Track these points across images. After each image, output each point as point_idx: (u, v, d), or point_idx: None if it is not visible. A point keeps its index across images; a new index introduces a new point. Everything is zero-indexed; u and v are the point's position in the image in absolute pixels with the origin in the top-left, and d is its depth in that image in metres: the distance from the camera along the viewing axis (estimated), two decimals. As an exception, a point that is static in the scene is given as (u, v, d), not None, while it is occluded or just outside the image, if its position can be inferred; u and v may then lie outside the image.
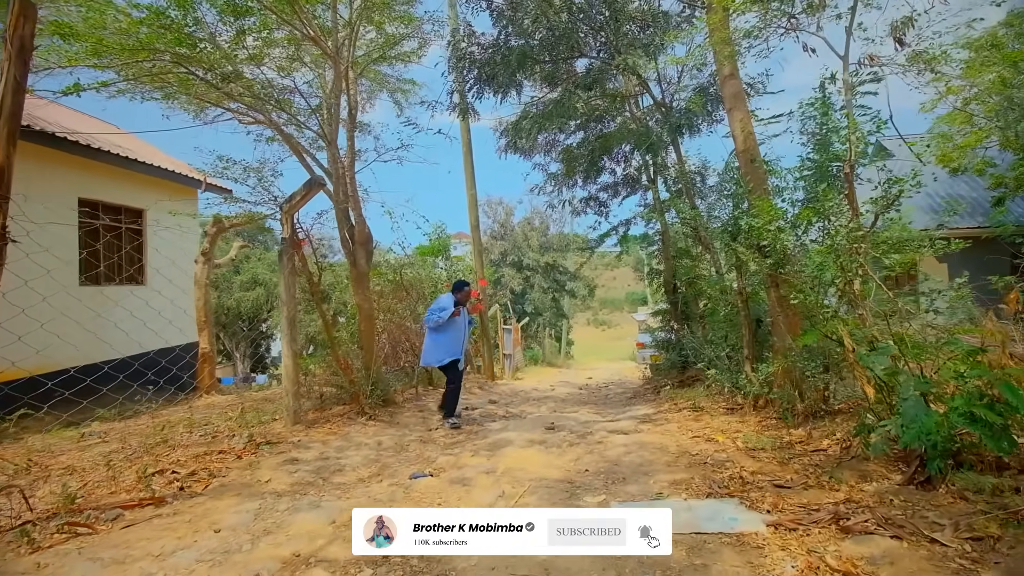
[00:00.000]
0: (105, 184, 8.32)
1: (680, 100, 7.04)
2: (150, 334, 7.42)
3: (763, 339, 5.14)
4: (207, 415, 5.76)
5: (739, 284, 4.80)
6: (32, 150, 6.75)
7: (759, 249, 3.83)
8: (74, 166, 7.75)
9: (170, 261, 8.15)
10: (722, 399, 5.40)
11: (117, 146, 8.26)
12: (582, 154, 9.09)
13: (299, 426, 4.86)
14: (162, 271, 8.35)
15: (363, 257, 6.30)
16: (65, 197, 7.64)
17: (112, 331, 7.04)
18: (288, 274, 4.84)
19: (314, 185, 4.70)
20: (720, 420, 4.60)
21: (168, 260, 8.20)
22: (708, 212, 5.30)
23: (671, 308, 8.56)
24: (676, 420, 5.07)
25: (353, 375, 5.55)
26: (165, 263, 8.21)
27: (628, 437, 4.46)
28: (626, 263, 55.51)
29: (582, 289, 24.66)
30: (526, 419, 6.04)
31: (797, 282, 3.43)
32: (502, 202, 21.78)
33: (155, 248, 9.02)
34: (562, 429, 5.15)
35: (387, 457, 4.23)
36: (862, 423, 2.88)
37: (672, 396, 6.53)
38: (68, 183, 7.70)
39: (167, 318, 7.94)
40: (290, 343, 4.83)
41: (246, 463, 3.80)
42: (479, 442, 4.74)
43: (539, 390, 10.56)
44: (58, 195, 7.39)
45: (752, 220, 3.70)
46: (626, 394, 9.25)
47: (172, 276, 8.15)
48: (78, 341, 6.39)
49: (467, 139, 10.83)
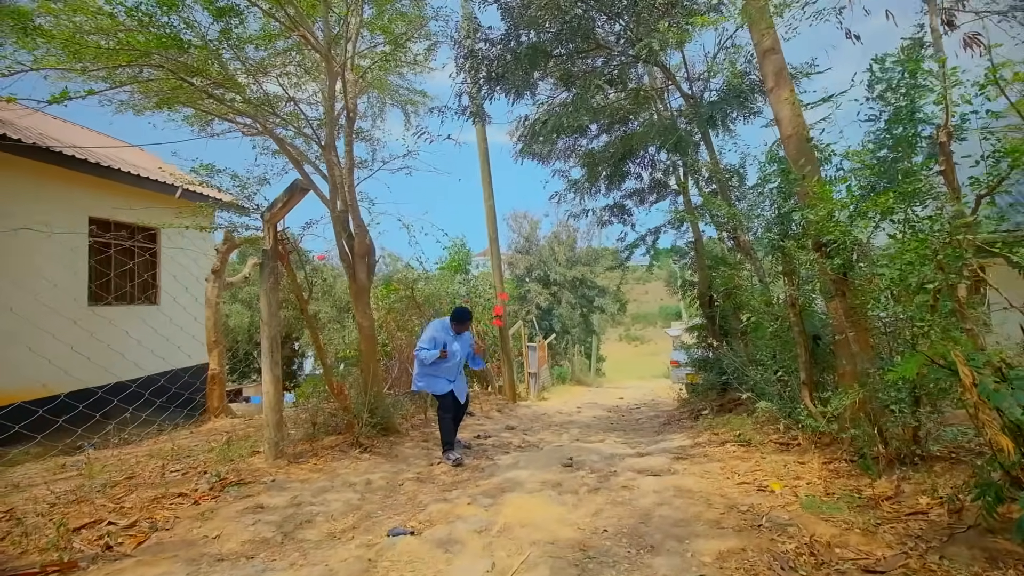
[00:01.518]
0: (117, 203, 8.17)
1: (711, 91, 6.31)
2: (162, 356, 7.11)
3: (822, 359, 4.30)
4: (198, 444, 5.30)
5: (790, 294, 4.01)
6: (40, 168, 6.58)
7: (820, 248, 3.06)
8: (84, 184, 7.60)
9: (190, 281, 7.85)
10: (772, 431, 4.56)
11: (133, 165, 8.11)
12: (604, 158, 8.43)
13: (281, 460, 4.29)
14: (176, 292, 8.08)
15: (363, 270, 5.78)
16: (75, 217, 7.48)
17: (121, 353, 6.75)
18: (269, 289, 4.33)
19: (297, 190, 4.21)
20: (773, 460, 3.78)
21: (183, 280, 7.91)
22: (748, 213, 4.53)
23: (707, 323, 7.70)
24: (718, 457, 4.26)
25: (347, 401, 4.98)
26: (180, 283, 7.95)
27: (660, 480, 3.69)
28: (658, 277, 54.05)
29: (612, 305, 23.73)
30: (543, 451, 5.31)
31: (873, 289, 2.65)
32: (527, 215, 21.27)
33: (169, 269, 8.80)
34: (582, 466, 4.40)
35: (372, 502, 3.60)
36: (984, 482, 2.08)
37: (712, 425, 5.69)
38: (77, 202, 7.55)
39: (180, 340, 7.64)
40: (271, 367, 4.30)
41: (202, 510, 3.24)
42: (483, 482, 4.05)
43: (563, 413, 9.79)
44: (66, 214, 7.22)
45: (809, 213, 2.95)
46: (659, 419, 8.38)
47: (186, 297, 7.86)
48: (82, 363, 6.10)
49: (483, 148, 10.34)
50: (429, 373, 4.93)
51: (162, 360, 7.19)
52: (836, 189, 2.89)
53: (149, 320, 7.94)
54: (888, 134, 2.74)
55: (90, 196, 7.59)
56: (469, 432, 6.51)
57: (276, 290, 4.38)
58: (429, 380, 4.94)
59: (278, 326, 4.36)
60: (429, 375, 4.93)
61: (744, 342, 6.83)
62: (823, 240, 2.99)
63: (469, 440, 5.68)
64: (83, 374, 6.25)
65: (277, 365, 4.33)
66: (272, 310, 4.32)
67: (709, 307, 7.53)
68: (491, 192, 10.38)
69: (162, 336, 7.28)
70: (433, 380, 4.93)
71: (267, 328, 4.30)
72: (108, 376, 6.53)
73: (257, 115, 5.43)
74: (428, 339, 4.96)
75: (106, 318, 7.29)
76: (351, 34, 5.54)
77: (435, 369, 4.90)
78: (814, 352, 4.22)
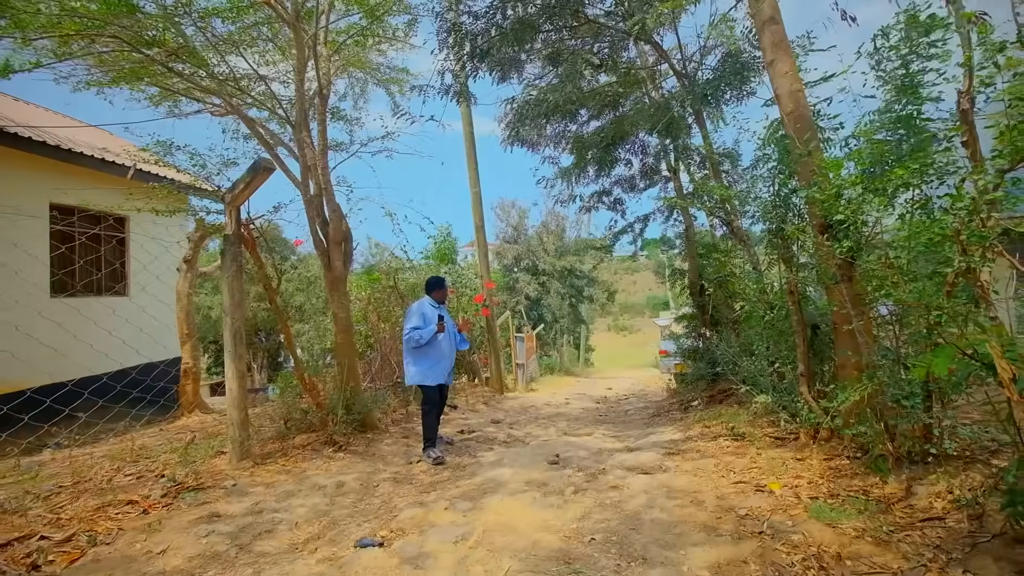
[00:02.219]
0: (81, 188, 7.68)
1: (706, 68, 6.02)
2: (134, 348, 6.72)
3: (821, 350, 4.09)
4: (164, 442, 4.98)
5: (789, 281, 3.78)
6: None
7: (825, 231, 2.81)
8: (45, 169, 7.11)
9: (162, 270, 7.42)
10: (767, 424, 4.36)
11: (97, 148, 7.63)
12: (594, 141, 8.14)
13: (247, 462, 4.00)
14: (147, 281, 7.65)
15: (339, 258, 5.45)
16: (35, 203, 7.00)
17: (86, 347, 6.36)
18: (232, 277, 4.01)
19: (260, 170, 3.87)
20: (770, 456, 3.57)
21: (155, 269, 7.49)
22: (743, 196, 4.29)
23: (698, 312, 7.50)
24: (711, 452, 4.05)
25: (320, 397, 4.68)
26: (152, 273, 7.52)
27: (651, 479, 3.47)
28: (646, 267, 54.08)
29: (601, 294, 23.55)
30: (529, 446, 5.08)
31: (887, 273, 2.41)
32: (515, 204, 20.89)
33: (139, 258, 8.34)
34: (569, 464, 4.17)
35: (342, 507, 3.33)
36: (1014, 487, 1.86)
37: (703, 417, 5.49)
38: (37, 188, 7.06)
39: (154, 331, 7.24)
40: (234, 361, 3.99)
41: (150, 521, 2.94)
42: (464, 483, 3.80)
43: (551, 405, 9.57)
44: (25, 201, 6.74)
45: (815, 192, 2.70)
46: (648, 410, 8.21)
47: (159, 286, 7.44)
48: (48, 356, 5.72)
49: (469, 132, 9.99)
50: (425, 359, 4.62)
51: (135, 352, 6.80)
52: (845, 165, 2.64)
53: (119, 311, 7.53)
54: (892, 113, 2.50)
55: (52, 180, 7.13)
56: (452, 427, 6.26)
57: (239, 278, 4.06)
58: (424, 369, 4.61)
59: (242, 317, 4.05)
60: (426, 362, 4.61)
61: (736, 332, 6.64)
62: (830, 221, 2.74)
63: (452, 436, 5.42)
64: (50, 368, 5.87)
65: (241, 359, 4.02)
66: (235, 300, 4.00)
67: (700, 296, 7.32)
68: (477, 178, 10.06)
69: (134, 327, 6.90)
70: (430, 369, 4.62)
71: (230, 320, 3.98)
72: (77, 370, 6.16)
73: (222, 92, 5.05)
74: (417, 318, 4.65)
75: (72, 309, 6.89)
76: (323, 5, 5.17)
77: (432, 350, 4.62)
78: (812, 342, 4.01)
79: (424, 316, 4.66)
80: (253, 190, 3.97)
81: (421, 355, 4.67)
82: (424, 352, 4.67)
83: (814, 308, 4.45)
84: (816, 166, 2.78)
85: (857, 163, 2.59)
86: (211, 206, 9.39)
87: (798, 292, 3.85)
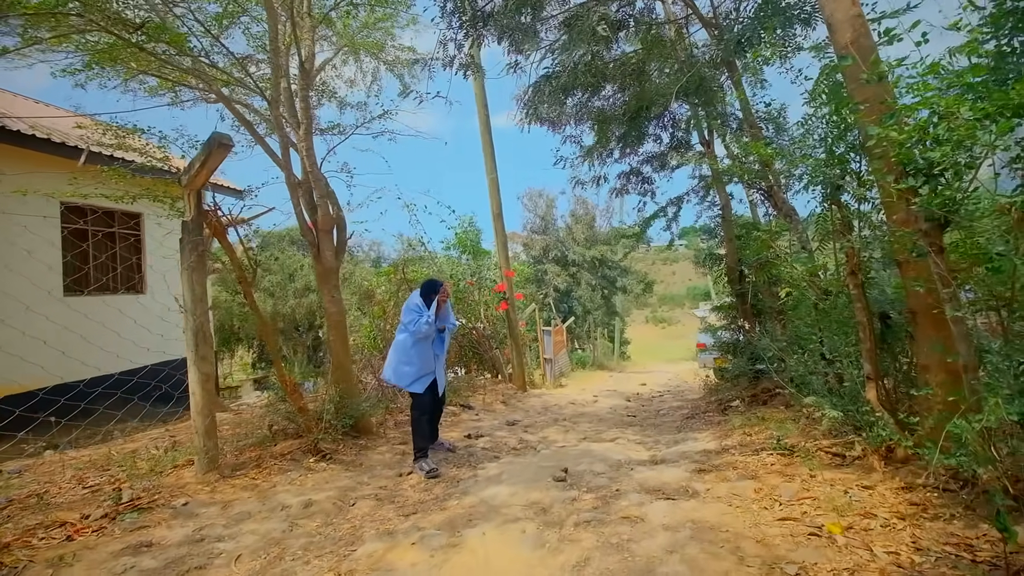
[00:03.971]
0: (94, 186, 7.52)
1: (741, 21, 5.14)
2: (146, 347, 6.50)
3: (892, 345, 3.29)
4: (152, 445, 4.67)
5: (849, 258, 2.99)
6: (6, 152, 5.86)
7: (920, 175, 1.98)
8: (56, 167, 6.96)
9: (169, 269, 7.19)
10: (823, 434, 3.59)
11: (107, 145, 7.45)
12: (616, 115, 7.37)
13: (214, 474, 3.57)
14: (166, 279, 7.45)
15: (329, 248, 4.98)
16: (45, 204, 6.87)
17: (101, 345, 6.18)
18: (192, 268, 3.56)
19: (215, 147, 3.39)
20: (827, 480, 2.83)
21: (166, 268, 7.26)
22: (789, 156, 3.50)
23: (737, 301, 6.66)
24: (752, 470, 3.32)
25: (302, 401, 4.22)
26: (157, 272, 7.32)
27: (674, 508, 2.79)
28: (685, 257, 52.10)
29: (635, 285, 22.53)
30: (538, 456, 4.47)
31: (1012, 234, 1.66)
32: (543, 193, 20.11)
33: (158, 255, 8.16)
34: (579, 482, 3.54)
35: (298, 536, 2.82)
36: None
37: (744, 422, 4.73)
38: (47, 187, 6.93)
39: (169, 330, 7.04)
40: (197, 363, 3.55)
41: (72, 549, 2.52)
42: (452, 504, 3.24)
43: (577, 403, 8.92)
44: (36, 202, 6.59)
45: (891, 128, 1.95)
46: (683, 410, 7.43)
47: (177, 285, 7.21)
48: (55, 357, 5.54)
49: (484, 116, 9.37)
50: (416, 357, 4.15)
51: (146, 351, 6.58)
52: (938, 87, 1.88)
53: (133, 310, 7.36)
54: None
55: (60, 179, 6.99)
56: (460, 430, 5.72)
57: (201, 270, 3.61)
58: (414, 369, 4.14)
59: (205, 314, 3.60)
60: (415, 361, 4.15)
61: (782, 323, 5.80)
62: (915, 166, 1.98)
63: (453, 442, 4.88)
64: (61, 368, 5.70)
65: (206, 361, 3.58)
66: (196, 294, 3.56)
67: (739, 283, 6.49)
68: (494, 164, 9.44)
69: (147, 327, 6.68)
70: (420, 369, 4.16)
71: (191, 317, 3.55)
72: (89, 370, 5.98)
73: (198, 69, 4.63)
74: (416, 312, 4.15)
75: (84, 309, 6.75)
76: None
77: (423, 348, 4.17)
78: (882, 336, 3.21)
79: (424, 308, 4.18)
80: (211, 170, 3.51)
81: (408, 359, 4.18)
82: (413, 355, 4.16)
83: (879, 293, 3.63)
84: (886, 93, 2.02)
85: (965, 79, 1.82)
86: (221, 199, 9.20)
87: (861, 273, 3.06)
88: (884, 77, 2.23)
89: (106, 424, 5.86)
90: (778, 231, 5.07)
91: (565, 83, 7.32)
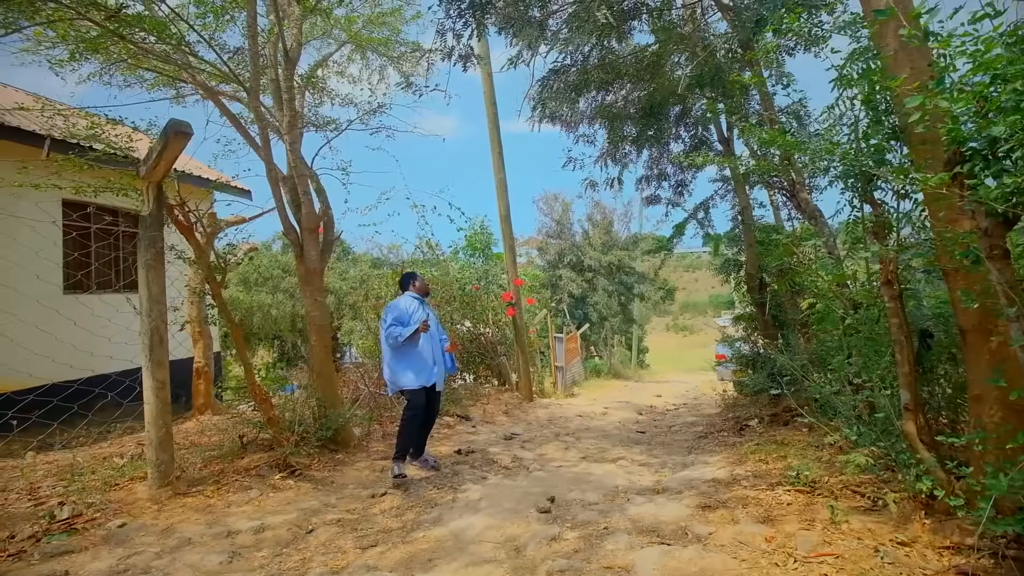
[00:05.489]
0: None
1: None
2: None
3: (932, 368, 2.80)
4: (116, 454, 4.43)
5: (885, 264, 2.53)
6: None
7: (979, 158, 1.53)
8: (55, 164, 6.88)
9: None
10: (849, 471, 3.10)
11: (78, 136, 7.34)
12: (630, 113, 6.95)
13: (166, 489, 3.28)
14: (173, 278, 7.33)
15: (313, 248, 4.70)
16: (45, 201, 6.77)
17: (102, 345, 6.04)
18: (148, 266, 3.29)
19: (173, 134, 3.11)
20: (853, 532, 2.36)
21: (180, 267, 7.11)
22: (815, 148, 3.04)
23: (757, 311, 6.15)
24: (764, 510, 2.86)
25: (272, 411, 3.91)
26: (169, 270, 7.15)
27: (668, 557, 2.36)
28: (709, 264, 50.98)
29: (654, 292, 21.86)
30: (528, 478, 4.07)
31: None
32: (558, 197, 19.67)
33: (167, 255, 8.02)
34: (565, 514, 3.14)
35: (235, 569, 2.48)
36: None
37: (759, 449, 4.24)
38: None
39: None
40: (152, 369, 3.27)
41: (-26, 584, 2.24)
42: (419, 535, 2.87)
43: (585, 415, 8.47)
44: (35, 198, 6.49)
45: (941, 96, 1.52)
46: (696, 427, 6.93)
47: None
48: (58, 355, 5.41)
49: (492, 114, 9.05)
50: (407, 361, 4.03)
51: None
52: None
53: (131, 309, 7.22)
54: None
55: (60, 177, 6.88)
56: (451, 444, 5.34)
57: (158, 268, 3.34)
58: (407, 371, 4.00)
59: (161, 315, 3.33)
60: (408, 364, 4.02)
61: (805, 336, 5.28)
62: (969, 150, 1.54)
63: (439, 459, 4.50)
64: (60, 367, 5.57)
65: (161, 367, 3.30)
66: (152, 294, 3.29)
67: (759, 292, 5.98)
68: (502, 163, 9.10)
69: None
70: (414, 371, 4.01)
71: (147, 319, 3.27)
72: (85, 369, 5.85)
73: (177, 57, 4.40)
74: (393, 319, 4.04)
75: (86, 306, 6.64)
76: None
77: (414, 351, 4.04)
78: (920, 358, 2.72)
79: (404, 312, 4.05)
80: (170, 161, 3.23)
81: (402, 356, 4.05)
82: (405, 353, 4.04)
83: (915, 306, 3.14)
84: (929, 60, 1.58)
85: None
86: (230, 198, 9.08)
87: (898, 283, 2.59)
88: (929, 37, 1.79)
89: (101, 425, 5.72)
90: (802, 236, 4.59)
91: (575, 80, 6.95)
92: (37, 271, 5.59)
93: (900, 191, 2.50)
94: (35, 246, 5.46)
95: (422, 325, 3.96)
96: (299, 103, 5.08)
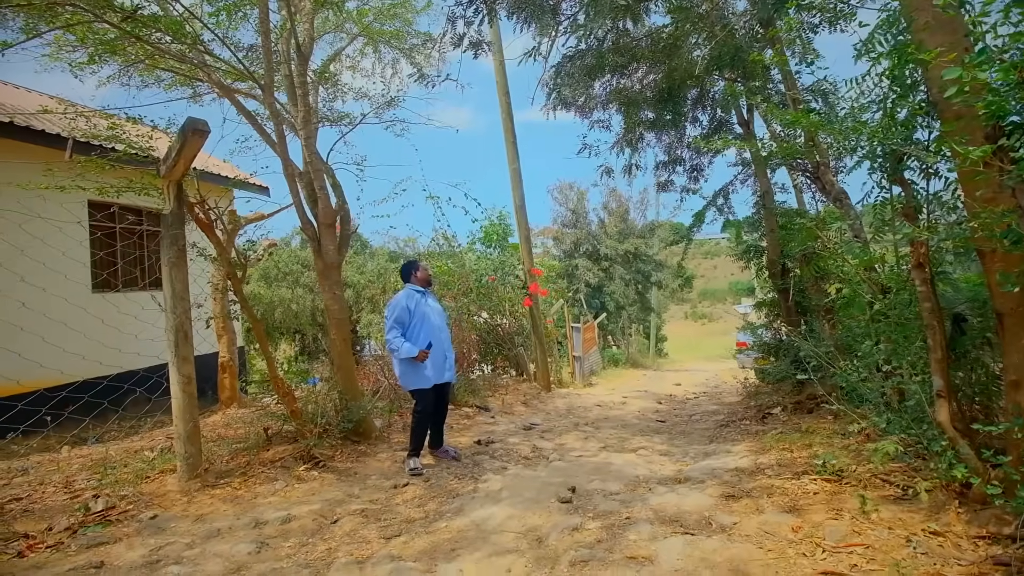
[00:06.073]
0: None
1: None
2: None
3: (962, 351, 2.71)
4: (147, 447, 4.57)
5: (915, 249, 2.45)
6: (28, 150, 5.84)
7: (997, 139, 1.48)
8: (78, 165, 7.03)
9: None
10: (879, 458, 3.02)
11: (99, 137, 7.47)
12: (644, 97, 6.82)
13: (195, 481, 3.36)
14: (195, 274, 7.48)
15: (331, 242, 4.73)
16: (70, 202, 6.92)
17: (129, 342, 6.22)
18: (172, 264, 3.36)
19: (191, 132, 3.15)
20: (883, 521, 2.31)
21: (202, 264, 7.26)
22: (840, 127, 2.93)
23: (779, 297, 6.03)
24: (790, 498, 2.82)
25: (295, 404, 3.98)
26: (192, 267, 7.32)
27: (692, 547, 2.34)
28: (727, 250, 50.18)
29: (671, 280, 21.62)
30: (548, 468, 4.08)
31: None
32: (573, 186, 19.49)
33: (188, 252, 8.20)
34: (587, 503, 3.14)
35: (265, 560, 2.53)
36: None
37: (784, 437, 4.17)
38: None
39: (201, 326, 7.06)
40: (179, 365, 3.35)
41: (20, 568, 2.32)
42: (441, 526, 2.90)
43: (604, 405, 8.44)
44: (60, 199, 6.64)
45: (979, 70, 1.44)
46: (718, 415, 6.86)
47: None
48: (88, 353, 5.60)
49: (505, 103, 8.97)
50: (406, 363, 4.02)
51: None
52: None
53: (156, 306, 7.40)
54: None
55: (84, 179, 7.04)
56: (471, 435, 5.38)
57: (182, 265, 3.40)
58: (417, 369, 3.99)
59: (186, 312, 3.39)
60: (417, 363, 3.99)
61: (830, 322, 5.16)
62: (1010, 124, 1.47)
63: (460, 449, 4.54)
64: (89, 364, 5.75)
65: (187, 362, 3.37)
66: (176, 291, 3.35)
67: (781, 278, 5.85)
68: (516, 153, 9.04)
69: None
70: (424, 368, 3.99)
71: (171, 315, 3.34)
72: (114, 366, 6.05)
73: (193, 55, 4.44)
74: (394, 321, 3.99)
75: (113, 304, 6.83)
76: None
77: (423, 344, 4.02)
78: (953, 343, 2.63)
79: (405, 309, 4.00)
80: (189, 160, 3.28)
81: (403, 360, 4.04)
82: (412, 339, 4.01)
83: (947, 289, 3.03)
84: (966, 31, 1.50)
85: None
86: (248, 195, 9.18)
87: (930, 265, 2.50)
88: (965, 3, 1.70)
89: (132, 420, 5.91)
90: (826, 219, 4.47)
91: (591, 64, 6.83)
92: (66, 271, 5.75)
93: (929, 170, 2.40)
94: (63, 247, 5.62)
95: (420, 354, 3.91)
96: (313, 99, 5.11)
